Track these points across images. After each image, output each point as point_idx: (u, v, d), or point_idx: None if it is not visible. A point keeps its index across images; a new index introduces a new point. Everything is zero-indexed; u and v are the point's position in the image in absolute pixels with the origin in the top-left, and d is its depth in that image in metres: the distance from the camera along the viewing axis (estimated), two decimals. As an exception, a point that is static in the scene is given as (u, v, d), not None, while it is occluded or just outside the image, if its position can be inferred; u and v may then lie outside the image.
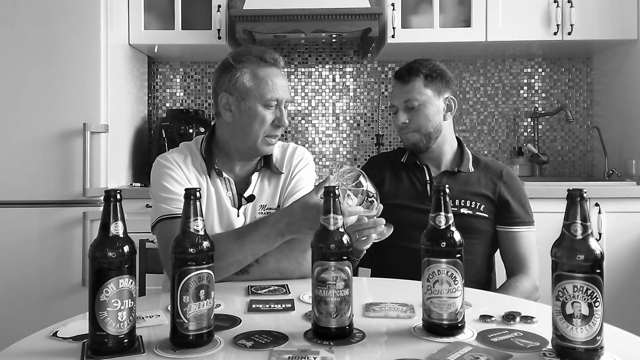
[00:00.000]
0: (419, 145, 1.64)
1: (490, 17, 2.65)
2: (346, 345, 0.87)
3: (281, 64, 1.45)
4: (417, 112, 1.61)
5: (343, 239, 0.91)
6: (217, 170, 1.43)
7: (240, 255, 1.25)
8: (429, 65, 1.63)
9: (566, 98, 3.07)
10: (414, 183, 1.66)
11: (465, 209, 1.58)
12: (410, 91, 1.61)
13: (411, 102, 1.60)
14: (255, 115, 1.40)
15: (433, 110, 1.62)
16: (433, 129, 1.62)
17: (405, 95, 1.61)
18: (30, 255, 2.34)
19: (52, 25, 2.37)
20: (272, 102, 1.40)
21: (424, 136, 1.62)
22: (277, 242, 1.25)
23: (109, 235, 0.85)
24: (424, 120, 1.61)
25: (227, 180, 1.44)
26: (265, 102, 1.40)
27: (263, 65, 1.41)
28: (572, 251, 0.80)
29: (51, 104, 2.36)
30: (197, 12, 2.72)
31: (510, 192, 1.61)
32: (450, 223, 0.93)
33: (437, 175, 1.66)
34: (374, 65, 3.10)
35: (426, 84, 1.61)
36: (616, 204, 2.33)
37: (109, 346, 0.83)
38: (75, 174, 2.34)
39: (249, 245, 1.24)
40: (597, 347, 0.79)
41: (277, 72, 1.43)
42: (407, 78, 1.62)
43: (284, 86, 1.42)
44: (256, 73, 1.41)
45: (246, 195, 1.45)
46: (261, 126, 1.40)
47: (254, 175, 1.46)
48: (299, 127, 3.12)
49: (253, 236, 1.25)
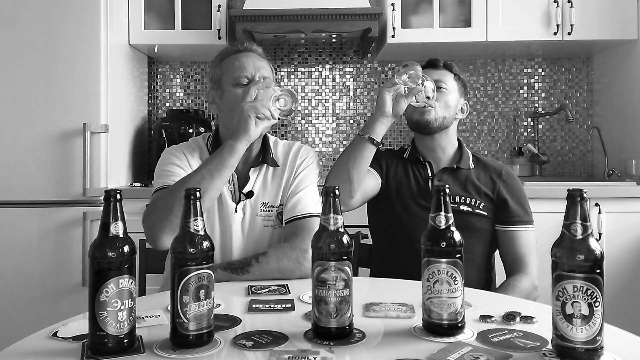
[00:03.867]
0: (432, 124, 1.62)
1: (490, 17, 2.65)
2: (346, 345, 0.87)
3: (256, 51, 1.49)
4: (443, 94, 1.63)
5: (343, 239, 0.91)
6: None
7: (198, 177, 1.27)
8: (457, 67, 1.70)
9: (566, 98, 3.07)
10: (417, 178, 1.66)
11: (465, 205, 1.58)
12: (443, 75, 1.65)
13: (441, 82, 1.63)
14: (230, 97, 1.43)
15: (454, 103, 1.65)
16: (449, 115, 1.64)
17: (438, 76, 1.63)
18: (30, 255, 2.34)
19: (52, 25, 2.37)
20: (243, 80, 1.43)
21: (440, 118, 1.63)
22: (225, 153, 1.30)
23: (109, 235, 0.85)
24: (445, 104, 1.63)
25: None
26: (236, 81, 1.43)
27: (234, 52, 1.47)
28: (572, 251, 0.80)
29: (51, 104, 2.36)
30: (197, 12, 2.72)
31: (509, 191, 1.61)
32: (450, 223, 0.93)
33: (437, 171, 1.66)
34: (374, 65, 3.10)
35: (454, 80, 1.67)
36: (616, 204, 2.33)
37: (109, 346, 0.83)
38: (75, 174, 2.34)
39: (204, 169, 1.29)
40: (597, 347, 0.79)
41: (249, 54, 1.46)
42: (440, 66, 1.67)
43: (257, 65, 1.44)
44: (227, 60, 1.47)
45: (245, 192, 1.45)
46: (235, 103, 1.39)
47: (251, 170, 1.47)
48: (299, 127, 3.12)
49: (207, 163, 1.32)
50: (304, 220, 1.42)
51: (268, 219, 1.46)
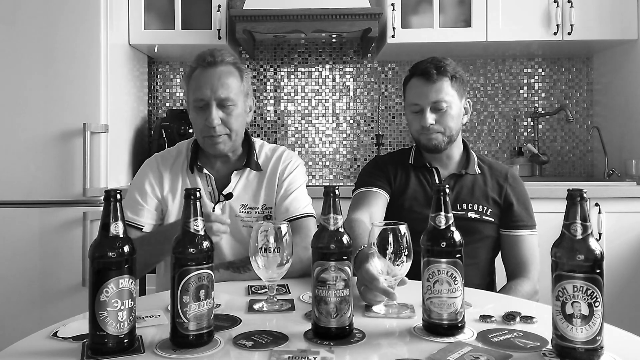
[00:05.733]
0: (441, 146, 1.58)
1: (490, 17, 2.65)
2: (346, 345, 0.87)
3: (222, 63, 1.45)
4: (445, 113, 1.55)
5: (343, 239, 0.91)
6: (198, 166, 1.51)
7: (144, 252, 1.18)
8: (452, 64, 1.57)
9: (566, 98, 3.07)
10: (423, 185, 1.62)
11: (473, 212, 1.56)
12: (439, 91, 1.53)
13: (440, 103, 1.53)
14: (191, 117, 1.50)
15: (457, 113, 1.57)
16: (456, 131, 1.58)
17: (434, 96, 1.53)
18: (30, 255, 2.34)
19: (52, 25, 2.37)
20: (199, 103, 1.44)
21: (447, 138, 1.57)
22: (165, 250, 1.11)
23: (109, 235, 0.85)
24: (450, 122, 1.56)
25: (208, 176, 1.51)
26: (193, 104, 1.46)
27: (199, 67, 1.46)
28: (572, 251, 0.80)
29: (51, 104, 2.36)
30: (197, 12, 2.72)
31: (515, 194, 1.60)
32: (450, 223, 0.93)
33: (445, 178, 1.63)
34: (374, 65, 3.10)
35: (452, 85, 1.56)
36: (616, 204, 2.33)
37: (109, 346, 0.83)
38: (75, 174, 2.34)
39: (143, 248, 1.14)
40: (597, 347, 0.79)
41: (211, 72, 1.44)
42: (435, 77, 1.53)
43: (215, 86, 1.42)
44: (191, 75, 1.47)
45: (225, 193, 1.50)
46: (195, 128, 1.48)
47: (233, 174, 1.51)
48: (299, 127, 3.12)
49: (148, 240, 1.36)
50: (299, 221, 1.47)
51: (248, 220, 1.50)
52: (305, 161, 3.10)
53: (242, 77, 1.49)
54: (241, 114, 1.48)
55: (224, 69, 1.45)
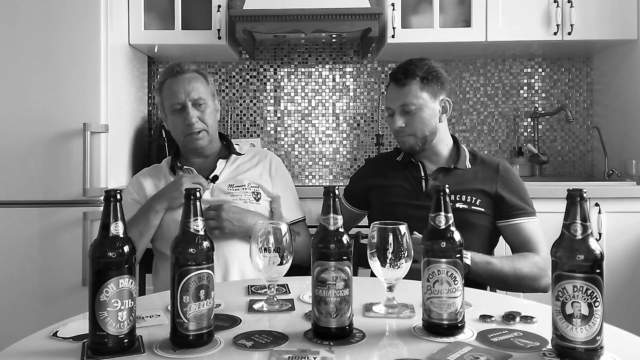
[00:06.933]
0: (415, 148, 1.63)
1: (490, 17, 2.65)
2: (346, 345, 0.87)
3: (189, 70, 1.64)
4: (414, 116, 1.59)
5: (343, 239, 0.91)
6: (178, 166, 1.66)
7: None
8: (424, 67, 1.60)
9: (566, 98, 3.07)
10: (408, 179, 1.66)
11: (461, 203, 1.56)
12: (407, 95, 1.58)
13: (408, 106, 1.58)
14: (169, 122, 1.66)
15: (429, 114, 1.60)
16: (429, 132, 1.61)
17: (402, 99, 1.59)
18: (30, 255, 2.34)
19: (52, 25, 2.37)
20: (177, 106, 1.61)
21: (420, 139, 1.62)
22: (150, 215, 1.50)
23: (109, 235, 0.85)
24: (420, 125, 1.60)
25: (189, 170, 1.65)
26: (170, 109, 1.63)
27: (168, 77, 1.64)
28: (572, 251, 0.80)
29: (51, 104, 2.36)
30: (197, 12, 2.71)
31: (507, 185, 1.60)
32: (450, 223, 0.93)
33: (432, 171, 1.65)
34: (374, 65, 3.10)
35: (422, 87, 1.59)
36: (616, 204, 2.33)
37: (109, 346, 0.83)
38: (75, 174, 2.34)
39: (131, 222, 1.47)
40: (597, 347, 0.79)
41: (180, 79, 1.62)
42: (403, 81, 1.58)
43: (187, 89, 1.60)
44: (162, 86, 1.65)
45: (211, 177, 1.63)
46: (175, 130, 1.64)
47: (219, 161, 1.66)
48: (299, 127, 3.12)
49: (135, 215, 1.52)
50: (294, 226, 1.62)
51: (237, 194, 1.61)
52: (305, 161, 3.11)
53: (208, 81, 1.68)
54: (213, 112, 1.67)
55: (191, 75, 1.64)
